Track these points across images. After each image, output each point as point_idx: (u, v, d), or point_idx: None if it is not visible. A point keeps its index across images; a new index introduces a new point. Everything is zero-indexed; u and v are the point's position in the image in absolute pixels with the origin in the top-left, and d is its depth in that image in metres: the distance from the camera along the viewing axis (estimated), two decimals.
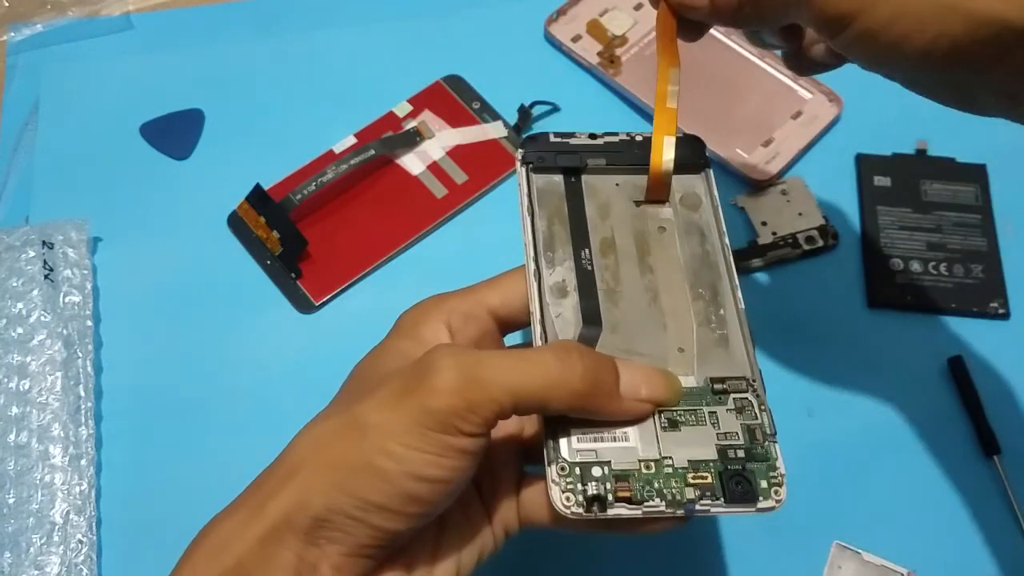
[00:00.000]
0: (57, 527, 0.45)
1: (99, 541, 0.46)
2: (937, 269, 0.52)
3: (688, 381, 0.33)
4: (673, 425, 0.32)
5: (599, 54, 0.60)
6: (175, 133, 0.58)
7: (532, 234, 0.36)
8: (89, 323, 0.50)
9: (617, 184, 0.38)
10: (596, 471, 0.31)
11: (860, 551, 0.45)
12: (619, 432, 0.32)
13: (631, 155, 0.38)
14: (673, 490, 0.31)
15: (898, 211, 0.54)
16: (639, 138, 0.38)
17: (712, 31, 0.61)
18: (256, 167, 0.55)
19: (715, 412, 0.33)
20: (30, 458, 0.47)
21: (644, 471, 0.31)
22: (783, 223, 0.54)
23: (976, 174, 0.55)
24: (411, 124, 0.58)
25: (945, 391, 0.50)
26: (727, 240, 0.37)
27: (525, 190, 0.37)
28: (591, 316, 0.34)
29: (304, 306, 0.52)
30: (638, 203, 0.38)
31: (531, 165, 0.38)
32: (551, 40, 0.61)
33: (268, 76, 0.60)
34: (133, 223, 0.55)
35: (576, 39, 0.61)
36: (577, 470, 0.31)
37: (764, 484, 0.31)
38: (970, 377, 0.49)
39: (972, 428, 0.49)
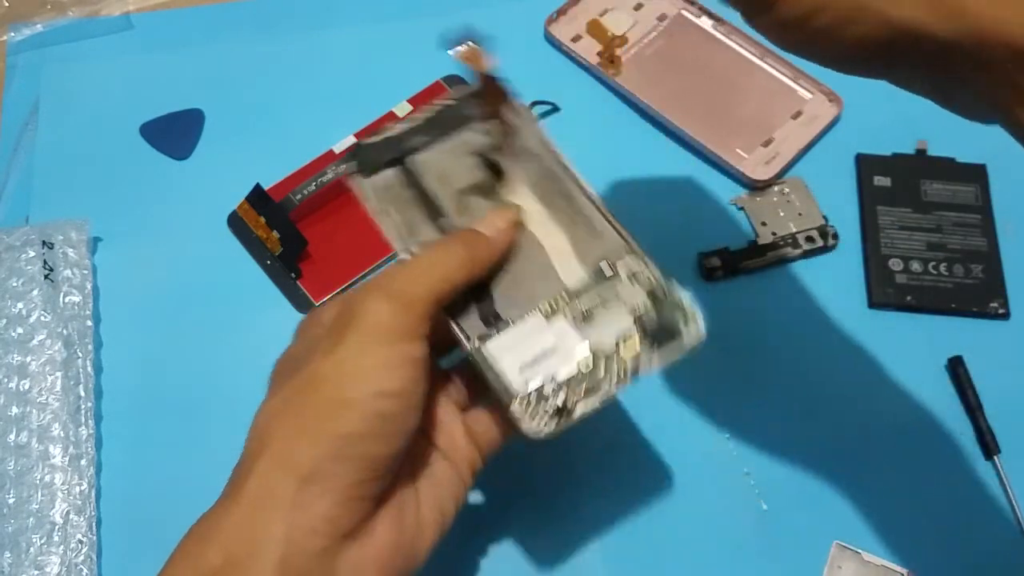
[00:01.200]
0: (57, 527, 0.45)
1: (99, 541, 0.46)
2: (937, 269, 0.52)
3: (578, 278, 0.37)
4: (587, 318, 0.36)
5: (599, 54, 0.60)
6: (175, 133, 0.58)
7: (391, 229, 0.38)
8: (89, 323, 0.50)
9: (447, 149, 0.40)
10: (548, 389, 0.35)
11: (860, 551, 0.45)
12: (546, 347, 0.35)
13: (452, 118, 0.40)
14: (615, 370, 0.35)
15: (898, 211, 0.54)
16: (451, 101, 0.41)
17: (711, 31, 0.61)
18: (256, 167, 0.55)
19: (614, 289, 0.37)
20: (30, 458, 0.47)
21: (584, 370, 0.35)
22: (783, 223, 0.54)
23: (976, 174, 0.55)
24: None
25: (945, 391, 0.50)
26: (555, 148, 0.40)
27: (364, 196, 0.39)
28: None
29: (304, 306, 0.52)
30: (474, 153, 0.40)
31: (360, 173, 0.39)
32: (551, 40, 0.61)
33: (268, 76, 0.60)
34: (133, 223, 0.55)
35: (576, 39, 0.61)
36: (533, 397, 0.35)
37: (682, 324, 0.36)
38: (970, 377, 0.49)
39: (972, 428, 0.49)
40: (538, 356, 0.35)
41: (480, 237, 0.37)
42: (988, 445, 0.48)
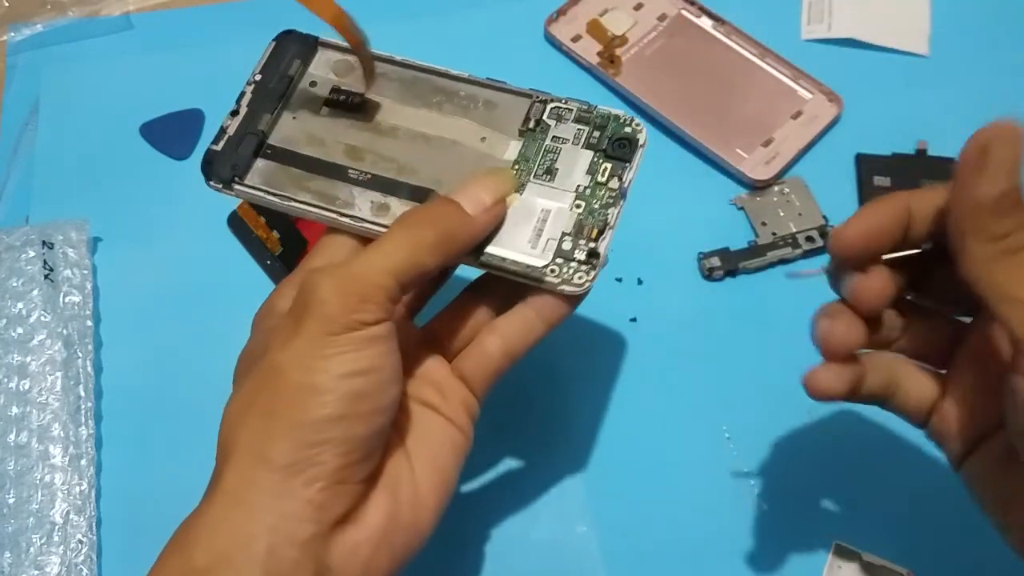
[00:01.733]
0: (57, 527, 0.45)
1: (99, 541, 0.46)
2: None
3: (511, 150, 0.38)
4: (548, 173, 0.37)
5: (599, 54, 0.60)
6: (175, 133, 0.58)
7: (306, 207, 0.37)
8: (89, 323, 0.50)
9: (294, 117, 0.39)
10: (567, 244, 0.35)
11: (860, 551, 0.45)
12: (537, 216, 0.36)
13: (281, 86, 0.40)
14: (605, 196, 0.36)
15: None
16: (258, 76, 0.40)
17: (711, 31, 0.61)
18: None
19: (552, 135, 0.38)
20: (30, 458, 0.47)
21: (581, 210, 0.36)
22: (783, 223, 0.54)
23: None
24: None
25: None
26: (401, 57, 0.40)
27: (259, 195, 0.38)
28: (417, 193, 0.37)
29: None
30: (326, 103, 0.40)
31: (234, 179, 0.38)
32: (551, 40, 0.61)
33: None
34: (133, 223, 0.55)
35: (576, 39, 0.60)
36: (559, 259, 0.35)
37: (628, 130, 0.37)
38: None
39: None
40: (536, 227, 0.36)
41: (458, 214, 0.34)
42: None
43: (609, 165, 0.37)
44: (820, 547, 0.45)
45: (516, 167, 0.37)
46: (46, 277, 0.51)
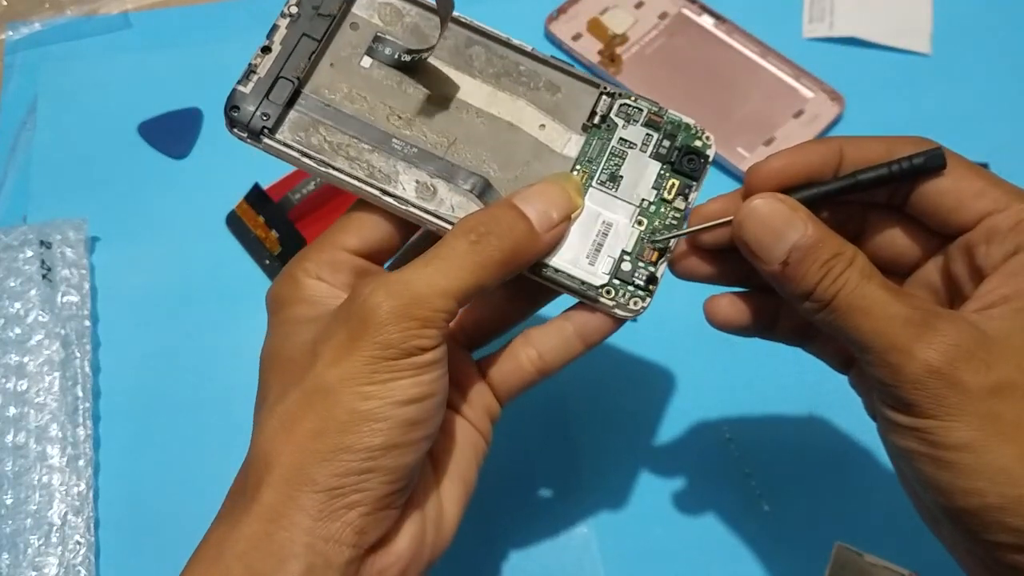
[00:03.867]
0: (55, 528, 0.45)
1: (97, 542, 0.45)
2: None
3: (573, 146, 0.34)
4: (612, 180, 0.34)
5: (599, 52, 0.59)
6: (173, 132, 0.58)
7: (343, 177, 0.33)
8: (87, 323, 0.50)
9: (332, 65, 0.34)
10: (626, 265, 0.33)
11: (862, 552, 0.45)
12: (596, 226, 0.33)
13: (320, 25, 0.34)
14: (669, 216, 0.34)
15: None
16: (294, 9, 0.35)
17: (712, 29, 0.60)
18: (255, 166, 0.55)
19: (619, 137, 0.34)
20: (28, 459, 0.46)
21: (643, 228, 0.34)
22: None
23: None
24: None
25: None
26: (467, 18, 0.35)
27: (292, 155, 0.33)
28: (470, 182, 0.33)
29: None
30: (369, 52, 0.34)
31: (263, 130, 0.33)
32: (551, 38, 0.61)
33: None
34: (131, 223, 0.55)
35: (576, 37, 0.60)
36: (617, 280, 0.33)
37: (699, 143, 0.34)
38: None
39: None
40: (595, 240, 0.33)
41: (528, 233, 0.31)
42: None
43: (676, 181, 0.34)
44: (822, 548, 0.45)
45: (578, 168, 0.34)
46: (44, 277, 0.51)
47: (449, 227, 0.32)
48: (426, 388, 0.29)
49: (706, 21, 0.61)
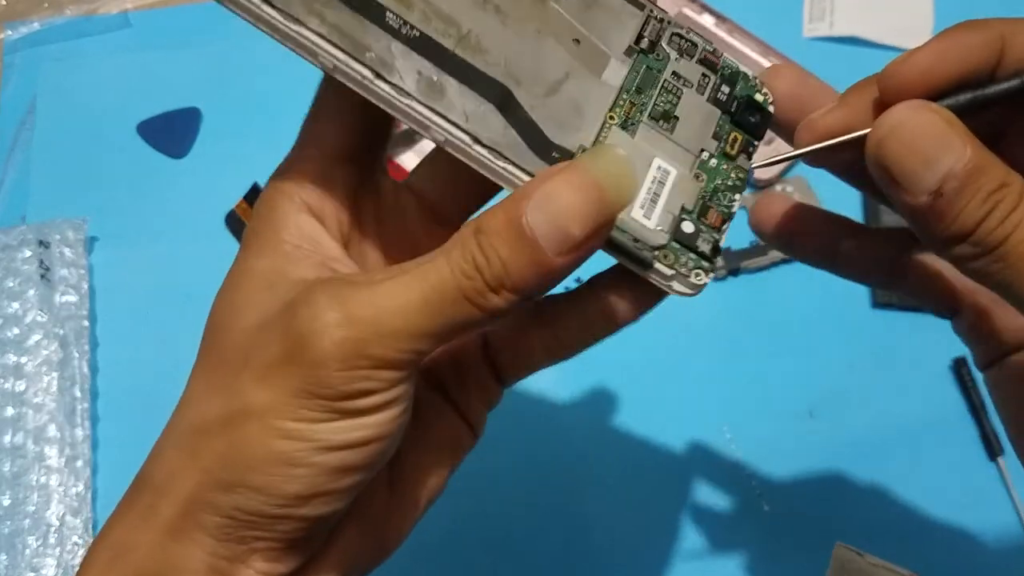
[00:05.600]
0: (53, 529, 0.45)
1: None
2: None
3: (616, 72, 0.27)
4: (666, 119, 0.27)
5: None
6: (172, 132, 0.58)
7: (322, 44, 0.24)
8: (85, 323, 0.50)
9: None
10: (688, 226, 0.26)
11: (863, 553, 0.44)
12: (651, 171, 0.26)
13: None
14: (733, 176, 0.27)
15: None
16: None
17: (713, 28, 0.60)
18: (254, 166, 0.54)
19: (672, 71, 0.28)
20: (26, 460, 0.46)
21: (704, 184, 0.27)
22: None
23: None
24: None
25: (949, 392, 0.49)
26: None
27: (247, 5, 0.24)
28: (487, 88, 0.26)
29: None
30: None
31: None
32: None
33: (266, 74, 0.60)
34: (130, 222, 0.54)
35: None
36: (676, 244, 0.26)
37: (760, 97, 0.29)
38: (974, 379, 0.49)
39: (976, 429, 0.48)
40: (651, 188, 0.26)
41: (532, 262, 0.22)
42: (992, 446, 0.47)
43: (739, 136, 0.28)
44: (822, 548, 0.45)
45: (624, 99, 0.27)
46: (42, 277, 0.51)
47: (462, 137, 0.25)
48: (370, 432, 0.23)
49: (707, 20, 0.60)
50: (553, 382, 0.49)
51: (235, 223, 0.54)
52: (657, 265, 0.26)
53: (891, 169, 0.24)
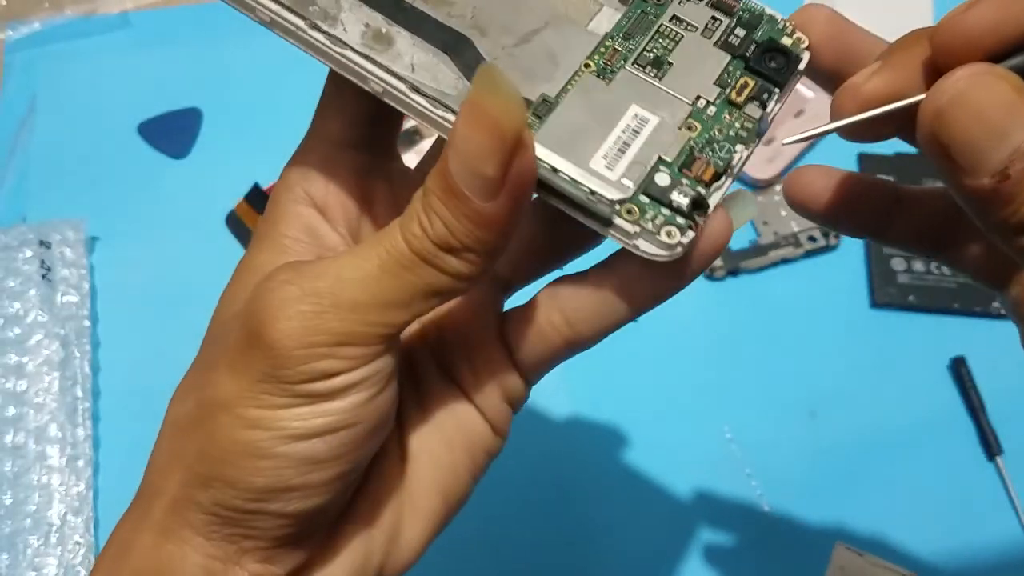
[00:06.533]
0: (54, 528, 0.45)
1: (96, 543, 0.45)
2: (940, 269, 0.52)
3: (605, 18, 0.25)
4: (656, 66, 0.25)
5: None
6: (173, 132, 0.58)
7: (290, 13, 0.24)
8: (86, 323, 0.50)
9: None
10: (662, 178, 0.23)
11: (862, 553, 0.44)
12: (626, 121, 0.24)
13: None
14: (737, 124, 0.24)
15: None
16: None
17: None
18: (254, 166, 0.55)
19: (672, 14, 0.25)
20: (27, 459, 0.46)
21: (695, 133, 0.24)
22: (785, 222, 0.54)
23: None
24: (410, 123, 0.57)
25: (948, 392, 0.49)
26: None
27: None
28: (443, 38, 0.24)
29: None
30: None
31: None
32: None
33: (266, 74, 0.60)
34: (131, 222, 0.55)
35: None
36: (645, 197, 0.22)
37: (787, 41, 0.25)
38: (972, 378, 0.49)
39: (975, 429, 0.48)
40: (619, 137, 0.23)
41: (458, 203, 0.21)
42: (990, 446, 0.47)
43: (751, 81, 0.24)
44: (822, 548, 0.45)
45: (608, 43, 0.25)
46: (43, 277, 0.51)
47: (398, 87, 0.23)
48: (335, 418, 0.22)
49: None
50: (553, 382, 0.49)
51: (236, 223, 0.54)
52: (618, 221, 0.22)
53: (951, 146, 0.20)
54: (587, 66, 0.24)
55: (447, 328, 0.27)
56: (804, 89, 0.58)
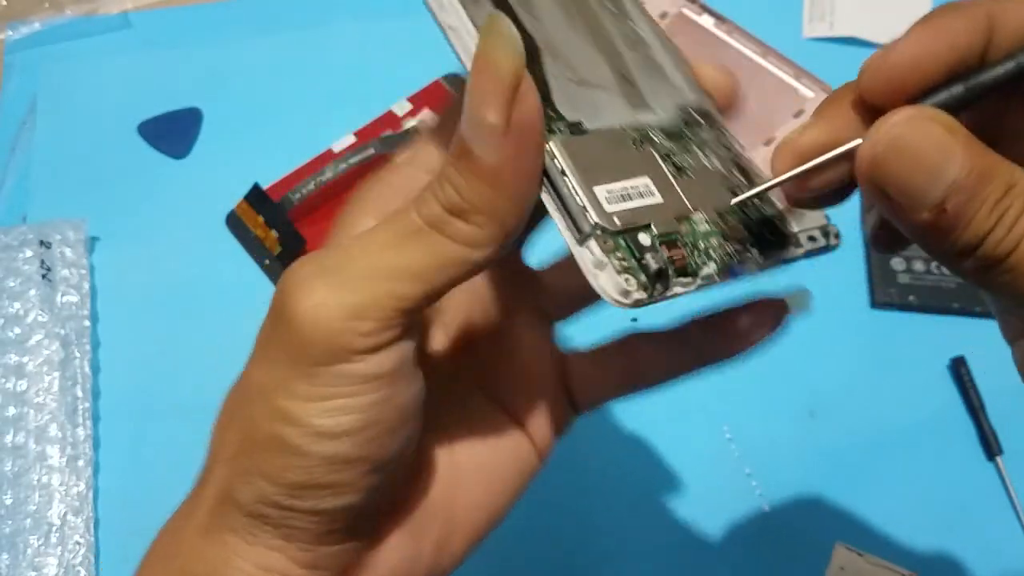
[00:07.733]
0: (55, 528, 0.45)
1: (97, 542, 0.45)
2: (940, 269, 0.52)
3: (651, 118, 0.26)
4: (679, 171, 0.25)
5: None
6: (173, 132, 0.58)
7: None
8: (87, 323, 0.50)
9: None
10: (644, 238, 0.23)
11: (862, 553, 0.45)
12: (640, 182, 0.24)
13: None
14: (718, 249, 0.25)
15: None
16: None
17: (712, 29, 0.60)
18: (255, 166, 0.55)
19: (701, 145, 0.26)
20: (27, 459, 0.46)
21: (686, 231, 0.24)
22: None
23: None
24: (411, 123, 0.57)
25: (948, 392, 0.49)
26: None
27: None
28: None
29: None
30: None
31: None
32: None
33: (266, 74, 0.60)
34: (131, 222, 0.55)
35: None
36: (623, 240, 0.22)
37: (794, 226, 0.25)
38: (972, 378, 0.49)
39: (975, 429, 0.48)
40: (626, 188, 0.24)
41: (468, 162, 0.21)
42: (990, 446, 0.47)
43: (741, 235, 0.27)
44: (822, 548, 0.45)
45: (653, 130, 0.26)
46: (43, 277, 0.51)
47: (471, 30, 0.24)
48: (359, 417, 0.22)
49: (706, 21, 0.60)
50: None
51: (236, 223, 0.54)
52: (592, 243, 0.22)
53: (890, 188, 0.21)
54: (623, 129, 0.25)
55: (503, 358, 0.27)
56: (804, 89, 0.58)
